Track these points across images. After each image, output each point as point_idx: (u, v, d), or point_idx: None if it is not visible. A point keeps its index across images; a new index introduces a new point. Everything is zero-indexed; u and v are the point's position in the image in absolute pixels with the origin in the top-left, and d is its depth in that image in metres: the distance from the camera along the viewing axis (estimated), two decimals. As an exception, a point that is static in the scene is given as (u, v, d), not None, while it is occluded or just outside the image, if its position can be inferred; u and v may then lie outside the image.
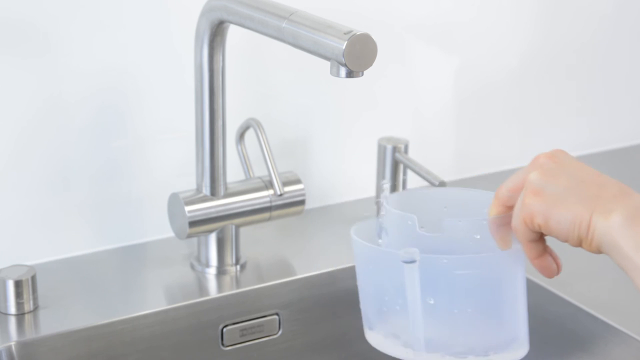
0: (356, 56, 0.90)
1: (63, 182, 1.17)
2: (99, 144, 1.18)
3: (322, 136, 1.34)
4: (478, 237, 0.86)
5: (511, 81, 1.46)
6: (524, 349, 0.87)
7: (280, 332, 1.17)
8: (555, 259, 0.84)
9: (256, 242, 1.23)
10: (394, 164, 1.26)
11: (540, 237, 0.81)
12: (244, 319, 1.14)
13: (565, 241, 0.79)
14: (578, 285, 1.13)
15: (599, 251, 0.78)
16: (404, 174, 1.27)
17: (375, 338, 0.88)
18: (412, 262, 0.81)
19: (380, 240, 0.91)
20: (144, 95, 1.20)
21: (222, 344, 1.13)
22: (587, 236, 0.77)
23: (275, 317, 1.16)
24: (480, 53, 1.43)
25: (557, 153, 0.82)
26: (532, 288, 1.15)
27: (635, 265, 0.74)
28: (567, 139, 1.54)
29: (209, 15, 1.05)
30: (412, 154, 1.32)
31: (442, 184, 1.19)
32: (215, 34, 1.06)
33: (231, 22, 1.03)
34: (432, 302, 0.83)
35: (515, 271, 0.85)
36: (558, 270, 0.84)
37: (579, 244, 0.78)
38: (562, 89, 1.52)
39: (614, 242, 0.75)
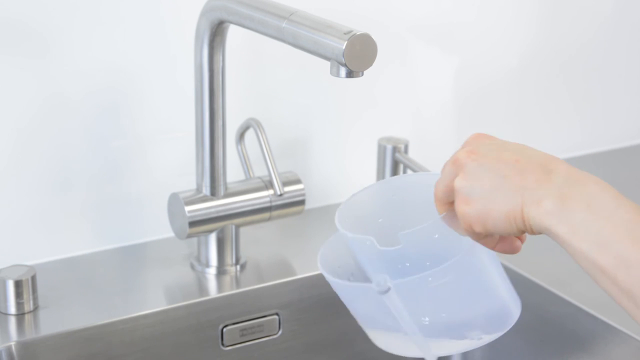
0: (356, 56, 0.90)
1: (63, 182, 1.17)
2: (99, 144, 1.18)
3: (322, 136, 1.34)
4: (436, 236, 0.87)
5: (511, 81, 1.46)
6: (517, 312, 0.88)
7: (280, 332, 1.17)
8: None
9: (256, 242, 1.23)
10: (394, 164, 1.26)
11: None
12: (244, 319, 1.14)
13: (508, 235, 0.80)
14: (578, 285, 1.13)
15: (540, 234, 0.79)
16: (404, 174, 1.27)
17: (379, 340, 0.89)
18: (387, 290, 0.82)
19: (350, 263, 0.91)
20: (144, 95, 1.20)
21: (222, 344, 1.13)
22: (524, 227, 0.78)
23: (275, 317, 1.16)
24: (480, 53, 1.43)
25: (475, 145, 0.81)
26: (532, 288, 1.15)
27: (574, 249, 0.75)
28: (567, 139, 1.54)
29: (209, 15, 1.05)
30: (412, 154, 1.32)
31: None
32: (215, 34, 1.06)
33: (231, 22, 1.03)
34: (426, 320, 0.84)
35: (484, 255, 0.85)
36: (522, 241, 0.85)
37: (521, 233, 0.79)
38: (561, 89, 1.52)
39: (549, 230, 0.76)
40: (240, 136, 1.19)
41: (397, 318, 0.84)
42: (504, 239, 0.84)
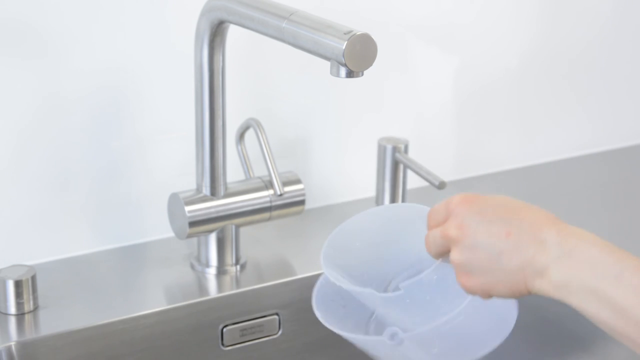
0: (356, 56, 0.90)
1: (63, 182, 1.17)
2: (99, 144, 1.18)
3: (322, 136, 1.33)
4: (435, 277, 0.88)
5: (511, 81, 1.46)
6: (514, 313, 0.89)
7: (280, 332, 1.17)
8: None
9: (256, 242, 1.23)
10: (394, 164, 1.26)
11: None
12: (244, 319, 1.14)
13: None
14: (578, 285, 1.13)
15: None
16: (404, 174, 1.27)
17: None
18: (400, 343, 0.84)
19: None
20: (144, 95, 1.20)
21: (222, 344, 1.14)
22: (531, 293, 0.79)
23: (275, 317, 1.16)
24: (480, 53, 1.43)
25: (462, 221, 0.81)
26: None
27: (591, 316, 0.75)
28: (567, 139, 1.54)
29: (209, 15, 1.05)
30: (413, 154, 1.32)
31: (442, 184, 1.18)
32: (215, 34, 1.06)
33: (231, 22, 1.03)
34: (435, 350, 0.86)
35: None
36: None
37: (528, 295, 0.81)
38: (562, 89, 1.52)
39: (560, 299, 0.77)
40: (240, 136, 1.19)
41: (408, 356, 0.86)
42: None
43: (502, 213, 0.80)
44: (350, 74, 0.91)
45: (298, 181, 1.18)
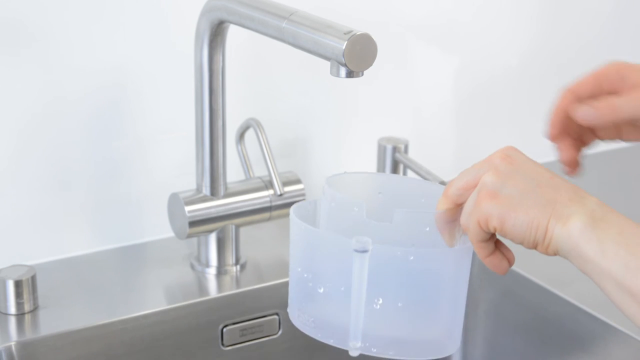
0: (356, 56, 0.90)
1: (63, 182, 1.17)
2: (99, 144, 1.18)
3: (322, 136, 1.33)
4: (427, 229, 0.84)
5: (511, 81, 1.46)
6: (453, 345, 0.86)
7: (280, 332, 1.17)
8: (506, 254, 0.83)
9: (256, 242, 1.23)
10: (394, 164, 1.26)
11: (491, 237, 0.81)
12: (244, 319, 1.14)
13: (520, 244, 0.79)
14: (578, 285, 1.13)
15: (554, 254, 0.78)
16: (404, 174, 1.27)
17: (304, 321, 0.86)
18: (364, 251, 0.78)
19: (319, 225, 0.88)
20: (144, 95, 1.20)
21: (222, 344, 1.14)
22: (543, 240, 0.77)
23: (275, 317, 1.16)
24: (480, 53, 1.43)
25: (511, 153, 0.81)
26: (532, 288, 1.15)
27: (601, 269, 0.74)
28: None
29: (209, 15, 1.05)
30: (412, 153, 1.32)
31: (442, 184, 1.18)
32: (215, 34, 1.06)
33: (231, 22, 1.03)
34: (380, 301, 0.80)
35: (462, 268, 0.84)
36: (510, 264, 0.83)
37: (533, 247, 0.78)
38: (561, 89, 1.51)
39: (575, 248, 0.75)
40: (240, 136, 1.19)
41: (352, 287, 0.79)
42: (496, 253, 0.82)
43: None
44: (350, 74, 0.91)
45: (298, 181, 1.18)
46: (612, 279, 0.74)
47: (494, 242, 0.82)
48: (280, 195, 1.15)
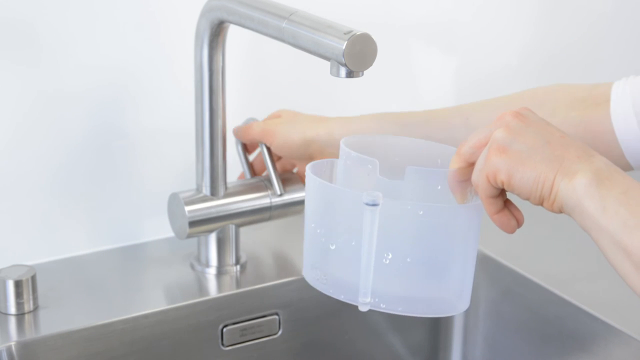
0: (356, 56, 0.90)
1: (62, 181, 1.17)
2: (99, 143, 1.18)
3: (322, 136, 1.33)
4: (439, 187, 0.85)
5: (511, 80, 1.46)
6: (463, 305, 0.86)
7: (280, 332, 1.17)
8: (515, 213, 0.84)
9: (256, 242, 1.23)
10: (394, 163, 1.26)
11: (500, 193, 0.82)
12: (244, 319, 1.14)
13: (527, 199, 0.80)
14: (578, 285, 1.13)
15: (560, 211, 0.79)
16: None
17: (316, 277, 0.87)
18: (375, 205, 0.80)
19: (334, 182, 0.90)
20: (144, 95, 1.20)
21: (222, 344, 1.13)
22: (549, 196, 0.78)
23: (275, 317, 1.16)
24: (479, 52, 1.43)
25: (523, 111, 0.82)
26: (533, 288, 1.15)
27: (600, 226, 0.75)
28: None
29: (209, 15, 1.05)
30: (412, 153, 1.32)
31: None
32: (215, 34, 1.06)
33: (231, 22, 1.03)
34: (390, 256, 0.82)
35: (472, 226, 0.84)
36: (518, 224, 0.84)
37: (540, 203, 0.79)
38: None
39: (578, 204, 0.76)
40: (240, 136, 1.19)
41: (362, 241, 0.81)
42: (505, 211, 0.83)
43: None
44: (350, 74, 0.91)
45: (298, 181, 1.18)
46: (609, 236, 0.75)
47: (503, 199, 0.82)
48: (280, 195, 1.15)
